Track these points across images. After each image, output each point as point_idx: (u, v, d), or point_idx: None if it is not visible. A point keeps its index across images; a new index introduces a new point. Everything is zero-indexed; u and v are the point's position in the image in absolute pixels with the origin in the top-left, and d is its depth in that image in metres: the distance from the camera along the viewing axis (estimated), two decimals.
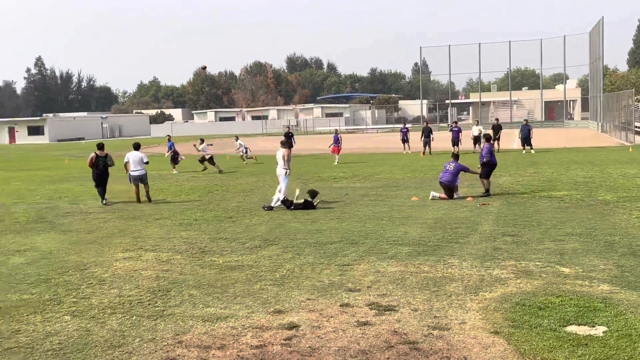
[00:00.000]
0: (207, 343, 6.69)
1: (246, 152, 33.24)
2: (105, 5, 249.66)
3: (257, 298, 8.22)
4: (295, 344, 6.59)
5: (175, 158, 29.23)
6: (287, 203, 15.70)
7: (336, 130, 33.67)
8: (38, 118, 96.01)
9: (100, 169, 17.98)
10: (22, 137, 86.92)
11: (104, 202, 17.84)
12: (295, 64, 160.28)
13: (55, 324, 7.43)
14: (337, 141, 30.82)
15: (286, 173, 16.27)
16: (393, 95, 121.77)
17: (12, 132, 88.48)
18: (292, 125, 72.86)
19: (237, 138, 35.37)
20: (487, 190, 17.17)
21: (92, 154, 18.11)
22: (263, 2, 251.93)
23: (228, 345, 6.62)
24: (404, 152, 35.79)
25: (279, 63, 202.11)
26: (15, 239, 12.96)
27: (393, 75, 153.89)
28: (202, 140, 29.74)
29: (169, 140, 31.37)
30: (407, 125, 38.65)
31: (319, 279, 9.09)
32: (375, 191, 19.05)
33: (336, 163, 29.89)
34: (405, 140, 36.32)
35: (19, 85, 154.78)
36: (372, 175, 24.08)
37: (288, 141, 36.38)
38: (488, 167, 17.33)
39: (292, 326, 7.10)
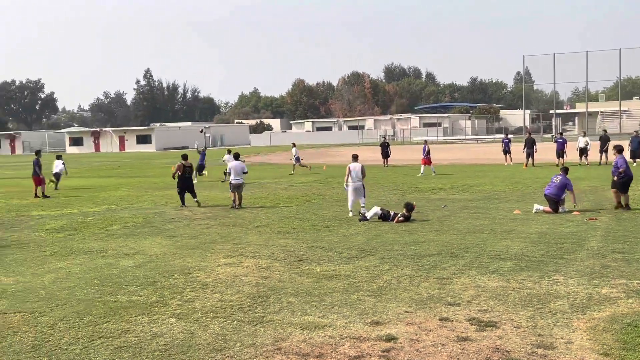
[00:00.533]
0: (305, 351, 6.75)
1: (298, 161, 33.71)
2: (209, 20, 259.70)
3: (354, 308, 8.22)
4: (394, 356, 6.53)
5: (201, 167, 31.04)
6: (385, 216, 15.61)
7: (425, 141, 33.10)
8: (146, 127, 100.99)
9: (186, 177, 19.77)
10: (131, 145, 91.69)
11: (198, 203, 19.66)
12: (392, 73, 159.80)
13: (161, 326, 7.74)
14: (424, 152, 30.36)
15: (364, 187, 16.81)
16: (494, 104, 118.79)
17: (122, 141, 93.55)
18: (388, 135, 72.59)
19: (293, 145, 35.87)
20: (627, 205, 16.22)
21: (179, 163, 19.80)
22: (361, 12, 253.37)
23: (326, 354, 6.64)
24: (506, 163, 34.84)
25: (376, 73, 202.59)
26: (125, 243, 13.63)
27: (494, 84, 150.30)
28: (229, 151, 30.60)
29: (204, 150, 33.41)
30: (509, 136, 37.56)
31: (417, 291, 8.98)
32: (475, 203, 18.62)
33: (433, 174, 29.43)
34: (506, 151, 35.31)
35: (129, 96, 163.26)
36: (471, 187, 23.57)
37: (384, 150, 36.69)
38: (625, 179, 16.35)
39: (390, 338, 7.04)
